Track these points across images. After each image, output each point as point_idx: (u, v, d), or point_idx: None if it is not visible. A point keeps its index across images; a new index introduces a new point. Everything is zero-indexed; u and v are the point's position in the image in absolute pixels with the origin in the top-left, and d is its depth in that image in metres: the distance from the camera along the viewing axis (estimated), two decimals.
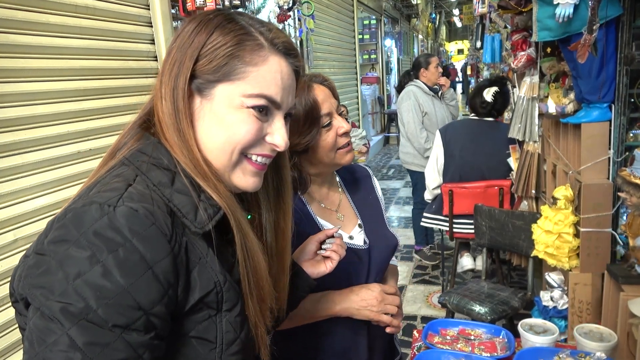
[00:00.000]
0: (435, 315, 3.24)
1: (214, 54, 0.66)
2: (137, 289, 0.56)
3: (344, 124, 1.15)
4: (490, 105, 3.04)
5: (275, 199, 0.83)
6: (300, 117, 1.10)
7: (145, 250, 0.57)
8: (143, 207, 0.58)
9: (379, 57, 10.48)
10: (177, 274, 0.60)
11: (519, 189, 2.73)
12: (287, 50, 0.72)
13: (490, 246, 2.75)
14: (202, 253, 0.64)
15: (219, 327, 0.65)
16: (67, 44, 2.08)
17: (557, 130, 2.34)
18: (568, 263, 2.05)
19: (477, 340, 1.48)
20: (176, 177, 0.65)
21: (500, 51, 4.48)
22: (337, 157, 1.17)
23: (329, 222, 1.21)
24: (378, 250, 1.24)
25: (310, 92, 1.12)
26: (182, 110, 0.67)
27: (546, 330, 1.40)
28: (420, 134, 3.80)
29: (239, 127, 0.68)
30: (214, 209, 0.66)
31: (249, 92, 0.67)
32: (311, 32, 5.49)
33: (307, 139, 1.12)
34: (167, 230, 0.59)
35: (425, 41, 16.11)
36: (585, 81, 1.93)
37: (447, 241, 3.62)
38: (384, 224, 1.32)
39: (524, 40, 2.53)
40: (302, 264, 0.99)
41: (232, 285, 0.67)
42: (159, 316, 0.58)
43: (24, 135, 1.87)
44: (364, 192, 1.33)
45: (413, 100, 3.83)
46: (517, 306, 2.42)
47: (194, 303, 0.62)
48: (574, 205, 2.07)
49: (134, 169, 0.64)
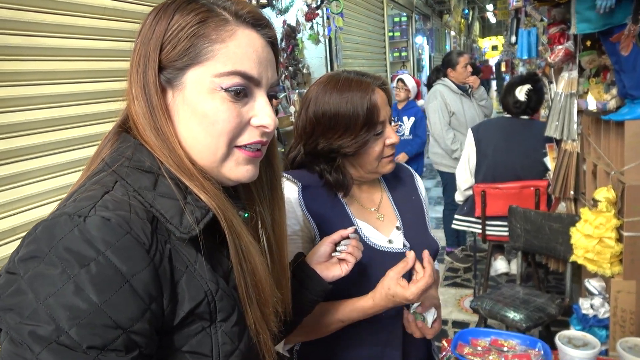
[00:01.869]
0: (467, 319, 3.14)
1: (177, 37, 0.62)
2: (113, 305, 0.51)
3: (393, 136, 1.11)
4: (525, 104, 2.91)
5: (270, 193, 0.78)
6: (359, 119, 1.05)
7: (121, 262, 0.52)
8: (117, 215, 0.54)
9: (410, 54, 10.32)
10: (160, 286, 0.55)
11: (556, 189, 2.60)
12: (256, 21, 0.66)
13: (525, 249, 2.63)
14: (189, 260, 0.59)
15: (214, 340, 0.60)
16: (72, 45, 2.05)
17: (598, 128, 2.21)
18: (610, 269, 1.93)
19: (511, 352, 1.39)
20: (159, 179, 0.60)
21: (536, 46, 4.31)
22: (380, 166, 1.13)
23: (368, 222, 1.16)
24: (418, 255, 1.16)
25: (373, 95, 1.07)
26: (156, 106, 0.62)
27: (586, 343, 1.30)
28: (447, 135, 3.71)
29: (216, 116, 0.62)
30: (201, 211, 0.60)
31: (220, 70, 0.62)
32: (340, 30, 5.42)
33: (360, 143, 1.07)
34: (145, 239, 0.54)
35: (458, 37, 15.79)
36: (629, 75, 1.81)
37: (480, 243, 3.50)
38: (425, 227, 1.25)
39: (562, 33, 2.41)
40: (316, 267, 0.92)
41: (227, 293, 0.62)
42: (141, 334, 0.53)
43: (27, 142, 1.86)
44: (406, 192, 1.27)
45: (440, 100, 3.75)
46: (554, 313, 2.31)
47: (184, 316, 0.57)
48: (616, 207, 1.95)
49: (113, 174, 0.60)
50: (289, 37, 4.49)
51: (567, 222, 2.30)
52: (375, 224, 1.17)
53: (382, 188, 1.24)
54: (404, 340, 1.14)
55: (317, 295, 0.91)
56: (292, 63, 4.54)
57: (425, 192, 1.32)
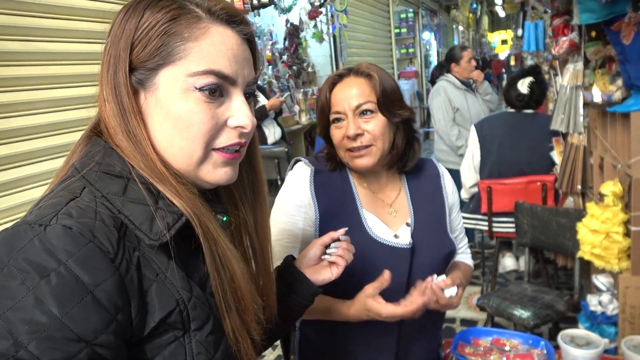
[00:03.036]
0: (475, 318, 3.10)
1: (148, 36, 0.59)
2: (75, 318, 0.49)
3: (351, 130, 1.09)
4: (528, 97, 2.86)
5: (252, 195, 0.75)
6: (317, 108, 1.18)
7: (83, 272, 0.50)
8: (79, 223, 0.52)
9: (417, 50, 10.25)
10: (127, 296, 0.53)
11: (563, 184, 2.55)
12: (230, 18, 0.64)
13: (532, 246, 2.59)
14: (160, 268, 0.57)
15: (189, 350, 0.58)
16: (71, 49, 2.05)
17: (604, 121, 2.16)
18: (618, 265, 1.88)
19: (513, 351, 1.36)
20: (129, 184, 0.58)
21: (543, 38, 4.25)
22: (346, 157, 1.14)
23: (378, 216, 1.16)
24: (425, 252, 1.15)
25: (327, 89, 1.14)
26: (128, 109, 0.60)
27: (590, 342, 1.26)
28: (451, 132, 3.67)
29: (191, 118, 0.60)
30: (173, 217, 0.58)
31: (194, 69, 0.60)
32: (344, 27, 5.40)
33: (320, 127, 1.17)
34: (109, 248, 0.52)
35: (466, 32, 15.65)
36: (635, 65, 1.76)
37: (488, 240, 3.46)
38: (442, 227, 1.22)
39: (566, 24, 2.36)
40: (305, 270, 0.90)
41: (201, 301, 0.60)
42: (106, 346, 0.51)
43: (28, 147, 1.86)
44: (427, 190, 1.24)
45: (443, 96, 3.70)
46: (562, 310, 2.26)
47: (155, 326, 0.55)
48: (623, 202, 1.90)
49: (81, 180, 0.58)
50: (292, 36, 4.49)
51: (575, 217, 2.25)
52: (386, 219, 1.17)
53: (401, 184, 1.24)
54: (398, 346, 1.13)
55: (306, 300, 0.89)
56: (295, 62, 4.53)
57: (453, 192, 1.29)
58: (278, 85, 4.67)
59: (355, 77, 1.13)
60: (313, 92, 4.92)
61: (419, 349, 1.21)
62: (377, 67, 1.16)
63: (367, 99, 1.11)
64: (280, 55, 4.79)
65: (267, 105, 3.63)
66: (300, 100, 4.52)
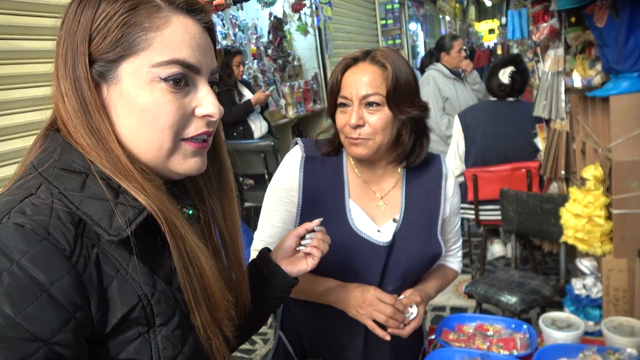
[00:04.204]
0: (465, 305, 3.12)
1: (106, 27, 0.58)
2: (30, 317, 0.48)
3: (353, 119, 1.07)
4: (509, 87, 2.86)
5: (218, 185, 0.75)
6: (330, 87, 1.13)
7: (37, 270, 0.49)
8: (33, 220, 0.51)
9: (404, 41, 10.22)
10: (86, 293, 0.52)
11: (547, 170, 2.57)
12: (190, 7, 0.63)
13: (518, 232, 2.61)
14: (121, 264, 0.56)
15: (154, 345, 0.57)
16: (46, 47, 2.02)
17: (585, 106, 2.17)
18: (600, 248, 1.90)
19: (496, 336, 1.37)
20: (89, 180, 0.57)
21: (527, 26, 4.25)
22: (345, 142, 1.12)
23: (364, 208, 1.14)
24: (404, 252, 1.13)
25: (339, 72, 1.10)
26: (90, 102, 0.58)
27: (570, 324, 1.28)
28: (441, 121, 3.67)
29: (158, 110, 0.59)
30: (135, 211, 0.57)
31: (158, 59, 0.59)
32: (329, 19, 5.37)
33: (328, 107, 1.15)
34: (65, 245, 0.51)
35: (453, 23, 15.65)
36: (612, 49, 1.77)
37: (475, 228, 3.47)
38: (431, 229, 1.18)
39: (546, 10, 2.36)
40: (281, 262, 0.90)
41: (166, 296, 0.59)
42: (65, 344, 0.50)
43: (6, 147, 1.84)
44: (424, 188, 1.20)
45: (433, 85, 3.70)
46: (548, 295, 2.28)
47: (117, 322, 0.55)
48: (604, 185, 1.91)
49: (38, 177, 0.57)
50: (276, 30, 4.46)
51: (559, 202, 2.26)
52: (372, 211, 1.15)
53: (398, 178, 1.19)
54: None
55: (282, 292, 0.89)
56: (280, 55, 4.50)
57: (453, 195, 1.24)
58: (264, 80, 4.65)
59: (370, 64, 1.07)
60: (300, 85, 4.90)
61: None
62: (396, 56, 1.09)
63: (377, 90, 1.06)
64: (265, 49, 4.76)
65: (252, 99, 3.61)
66: (287, 94, 4.50)
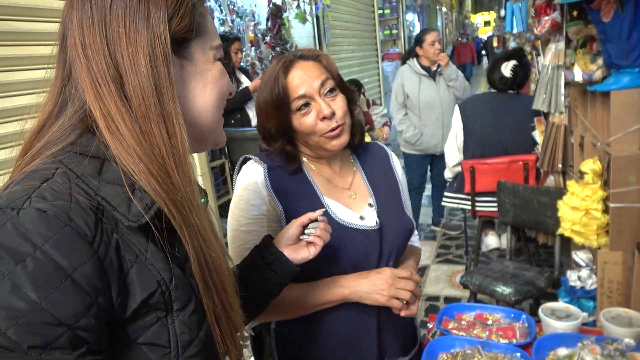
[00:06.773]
0: (459, 295, 3.16)
1: (182, 10, 0.62)
2: (55, 302, 0.48)
3: (325, 109, 1.06)
4: (511, 80, 2.88)
5: None
6: (267, 102, 1.09)
7: (61, 256, 0.49)
8: (54, 206, 0.51)
9: (400, 32, 10.19)
10: (107, 278, 0.53)
11: (544, 163, 2.59)
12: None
13: (514, 224, 2.64)
14: (140, 250, 0.56)
15: (172, 330, 0.58)
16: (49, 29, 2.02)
17: (585, 100, 2.19)
18: (596, 241, 1.93)
19: (496, 325, 1.39)
20: (105, 164, 0.57)
21: (526, 19, 4.25)
22: (321, 142, 1.10)
23: (339, 201, 1.15)
24: (391, 232, 1.16)
25: (283, 73, 1.07)
26: (164, 80, 0.58)
27: (569, 314, 1.30)
28: (396, 115, 3.88)
29: (222, 81, 0.68)
30: (151, 197, 0.57)
31: (215, 43, 0.68)
32: (328, 8, 5.34)
33: (275, 122, 1.09)
34: (87, 230, 0.51)
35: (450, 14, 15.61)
36: (615, 44, 1.78)
37: (470, 220, 3.51)
38: (400, 206, 1.24)
39: (548, 4, 2.37)
40: (284, 249, 0.92)
41: (183, 282, 0.59)
42: (87, 329, 0.50)
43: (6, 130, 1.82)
44: (380, 171, 1.26)
45: (399, 80, 3.86)
46: (543, 286, 2.32)
47: (137, 307, 0.55)
48: (602, 179, 1.94)
49: (55, 161, 0.56)
50: (275, 17, 4.42)
51: (555, 196, 2.29)
52: (347, 202, 1.16)
53: (355, 167, 1.23)
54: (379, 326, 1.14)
55: (285, 278, 0.91)
56: (278, 43, 4.47)
57: (402, 172, 1.31)
58: (261, 67, 4.62)
59: (306, 62, 1.10)
60: None
61: (400, 321, 1.21)
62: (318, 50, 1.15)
63: (327, 77, 1.09)
64: (263, 36, 4.72)
65: (250, 87, 3.60)
66: None
